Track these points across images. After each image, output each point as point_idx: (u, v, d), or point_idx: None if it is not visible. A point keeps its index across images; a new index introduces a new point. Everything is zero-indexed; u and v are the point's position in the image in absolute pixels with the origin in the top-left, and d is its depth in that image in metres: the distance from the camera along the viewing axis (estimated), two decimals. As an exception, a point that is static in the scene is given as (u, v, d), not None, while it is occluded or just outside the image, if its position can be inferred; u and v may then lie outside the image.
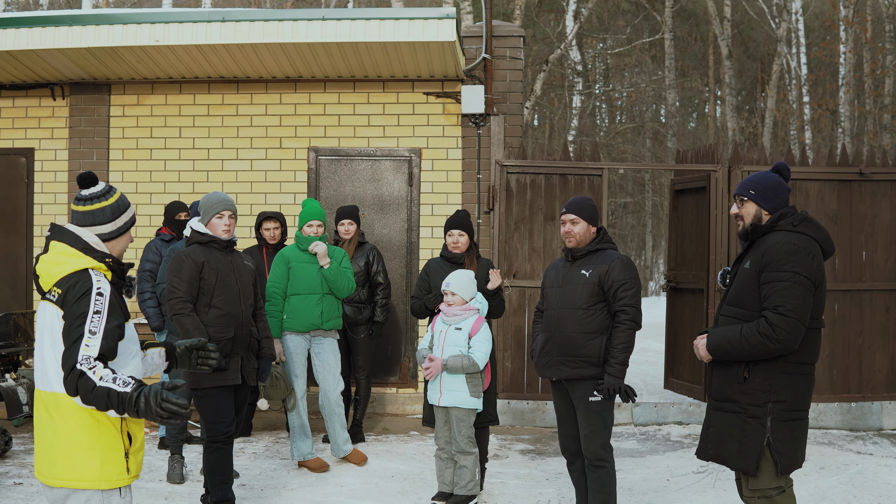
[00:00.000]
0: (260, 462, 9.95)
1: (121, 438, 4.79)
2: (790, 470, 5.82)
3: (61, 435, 4.75)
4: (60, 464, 4.75)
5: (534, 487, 9.13)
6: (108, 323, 4.67)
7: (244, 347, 7.90)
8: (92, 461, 4.73)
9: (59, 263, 4.81)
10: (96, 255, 4.87)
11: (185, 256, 7.80)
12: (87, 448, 4.72)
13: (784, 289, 5.63)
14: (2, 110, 13.01)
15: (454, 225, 8.86)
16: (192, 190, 12.69)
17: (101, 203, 4.97)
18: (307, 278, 9.46)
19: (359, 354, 10.83)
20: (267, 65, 12.01)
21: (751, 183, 5.99)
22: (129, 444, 4.83)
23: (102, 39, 11.01)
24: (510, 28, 12.69)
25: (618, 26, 38.73)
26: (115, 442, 4.77)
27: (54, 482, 4.78)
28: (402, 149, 12.64)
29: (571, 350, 7.27)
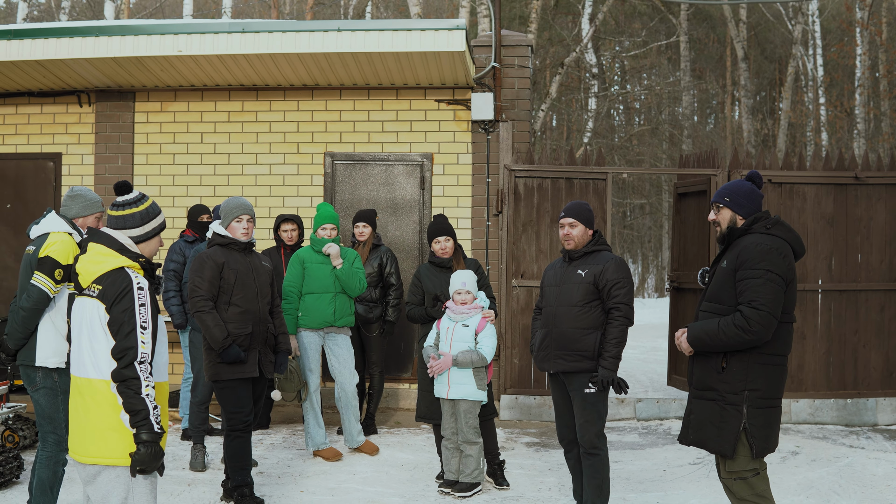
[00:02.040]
0: (277, 452, 10.50)
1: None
2: (765, 453, 6.30)
3: (94, 417, 5.30)
4: (92, 443, 5.30)
5: (536, 476, 9.63)
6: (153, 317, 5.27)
7: (261, 342, 8.43)
8: (121, 441, 5.27)
9: (98, 262, 5.37)
10: (130, 255, 5.44)
11: (206, 257, 8.33)
12: (116, 429, 5.26)
13: (757, 285, 6.14)
14: (30, 116, 13.57)
15: (439, 232, 9.39)
16: (214, 193, 13.21)
17: (132, 209, 5.56)
18: (321, 278, 10.01)
19: (372, 351, 11.36)
20: (285, 73, 12.52)
21: (726, 191, 6.51)
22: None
23: (127, 50, 11.53)
24: (518, 37, 13.17)
25: (633, 29, 39.09)
26: None
27: (86, 459, 5.32)
28: (414, 154, 13.14)
29: (568, 345, 7.77)
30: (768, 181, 12.39)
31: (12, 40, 11.54)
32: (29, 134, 13.57)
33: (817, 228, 12.51)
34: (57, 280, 7.21)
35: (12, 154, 13.54)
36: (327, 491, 9.01)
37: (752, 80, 40.34)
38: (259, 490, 8.85)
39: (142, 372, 5.19)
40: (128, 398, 5.17)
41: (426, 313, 9.34)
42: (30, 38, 11.56)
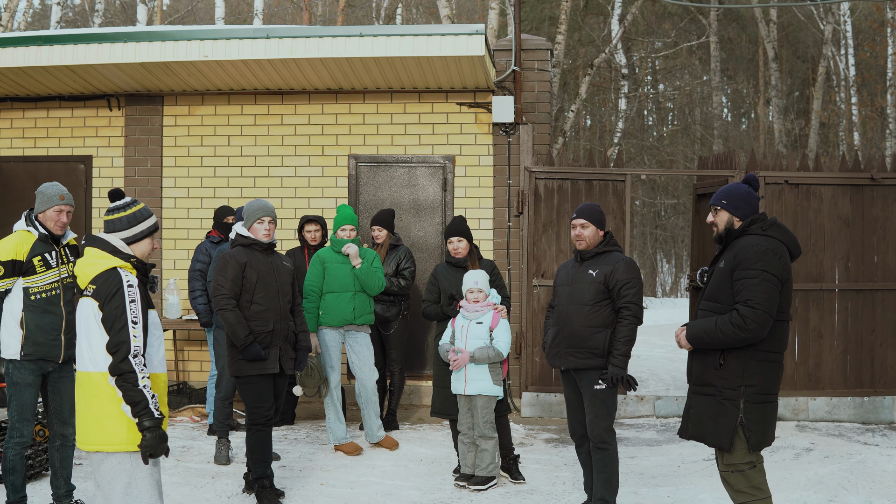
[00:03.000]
0: (300, 446, 10.79)
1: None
2: (761, 447, 6.53)
3: (94, 407, 5.65)
4: (94, 431, 5.65)
5: (552, 471, 9.86)
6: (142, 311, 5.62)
7: (282, 339, 8.71)
8: (120, 428, 5.61)
9: (92, 264, 5.75)
10: (122, 256, 5.81)
11: (229, 257, 8.63)
12: (115, 417, 5.60)
13: (753, 285, 6.36)
14: (61, 120, 13.91)
15: (453, 233, 9.73)
16: (241, 195, 13.50)
17: (120, 214, 5.94)
18: (341, 277, 10.30)
19: (392, 348, 11.64)
20: (309, 77, 12.79)
21: (723, 194, 6.75)
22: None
23: (155, 55, 11.82)
24: (538, 41, 13.41)
25: (664, 29, 39.16)
26: None
27: (90, 447, 5.67)
28: (436, 156, 13.39)
29: (579, 342, 8.01)
30: (785, 182, 12.57)
31: (43, 46, 11.86)
32: (60, 137, 13.91)
33: (834, 229, 12.67)
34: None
35: (44, 157, 13.88)
36: (346, 484, 9.30)
37: (785, 81, 40.34)
38: (280, 483, 9.13)
39: (136, 365, 5.52)
40: (126, 391, 5.51)
41: (442, 311, 9.61)
42: (60, 43, 11.87)
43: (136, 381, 5.50)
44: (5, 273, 7.68)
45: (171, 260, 13.59)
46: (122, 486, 5.62)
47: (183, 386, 13.14)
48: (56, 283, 7.88)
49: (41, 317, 7.79)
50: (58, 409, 8.06)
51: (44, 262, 7.80)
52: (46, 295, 7.81)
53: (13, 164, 13.89)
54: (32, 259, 7.74)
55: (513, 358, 13.00)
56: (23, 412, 7.81)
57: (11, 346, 7.75)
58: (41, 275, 7.78)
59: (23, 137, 13.95)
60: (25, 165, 13.84)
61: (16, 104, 13.98)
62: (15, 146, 13.98)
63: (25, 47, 11.91)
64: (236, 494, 8.89)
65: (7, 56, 11.95)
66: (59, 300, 7.91)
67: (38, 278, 7.76)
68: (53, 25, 26.05)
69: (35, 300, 7.76)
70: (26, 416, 7.82)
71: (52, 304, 7.86)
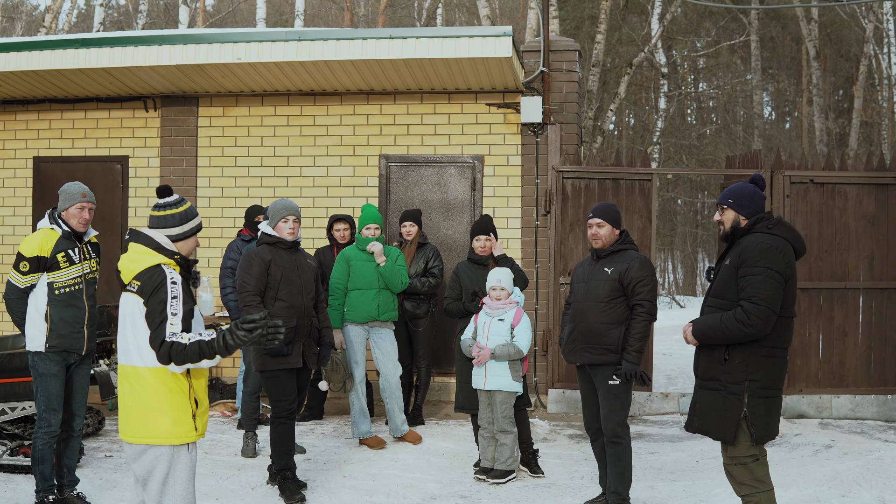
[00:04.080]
0: (326, 441, 11.05)
1: (189, 402, 5.83)
2: (764, 440, 6.71)
3: (139, 400, 5.81)
4: (138, 424, 5.81)
5: (571, 466, 10.06)
6: (183, 305, 5.78)
7: (306, 335, 8.97)
8: (165, 421, 5.78)
9: (137, 260, 5.89)
10: (166, 252, 5.95)
11: (254, 255, 8.90)
12: (160, 410, 5.77)
13: (758, 282, 6.55)
14: (99, 121, 14.24)
15: (481, 230, 10.02)
16: (273, 194, 13.77)
17: (173, 210, 6.07)
18: (365, 275, 10.56)
19: (419, 345, 11.87)
20: (340, 79, 13.03)
21: (730, 193, 6.93)
22: (195, 407, 5.87)
23: (190, 57, 12.10)
24: (566, 43, 13.58)
25: (704, 28, 39.18)
26: (184, 405, 5.81)
27: (133, 440, 5.84)
28: (465, 156, 13.60)
29: (593, 338, 8.22)
30: (810, 181, 12.68)
31: (80, 49, 12.17)
32: (97, 138, 14.24)
33: (858, 227, 12.77)
34: (23, 272, 7.97)
35: (81, 157, 14.22)
36: (369, 476, 9.54)
37: (828, 79, 40.21)
38: (304, 475, 9.38)
39: (174, 339, 5.61)
40: (185, 359, 5.63)
41: (464, 307, 9.83)
42: (97, 46, 12.18)
43: (183, 344, 5.61)
44: (30, 269, 7.97)
45: (204, 258, 13.87)
46: (161, 477, 5.83)
47: (215, 382, 13.42)
48: (79, 278, 8.17)
49: (65, 310, 8.07)
50: (71, 400, 8.34)
51: (67, 258, 8.08)
52: (70, 290, 8.09)
53: (51, 164, 14.23)
54: (56, 255, 8.02)
55: (539, 355, 13.20)
56: (49, 402, 8.07)
57: (37, 339, 8.03)
58: (64, 270, 8.06)
59: (61, 138, 14.31)
60: (63, 165, 14.18)
61: (54, 105, 14.33)
62: (53, 147, 14.33)
63: (63, 50, 12.22)
64: (260, 486, 9.16)
65: (45, 59, 12.27)
66: (81, 294, 8.19)
67: (61, 274, 8.05)
68: (96, 27, 26.50)
69: (59, 295, 8.04)
70: (53, 406, 8.08)
71: (76, 298, 8.15)
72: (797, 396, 12.64)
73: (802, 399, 12.65)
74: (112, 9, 41.47)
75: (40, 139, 14.38)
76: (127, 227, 13.97)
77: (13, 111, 14.45)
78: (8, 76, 12.82)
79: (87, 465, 9.61)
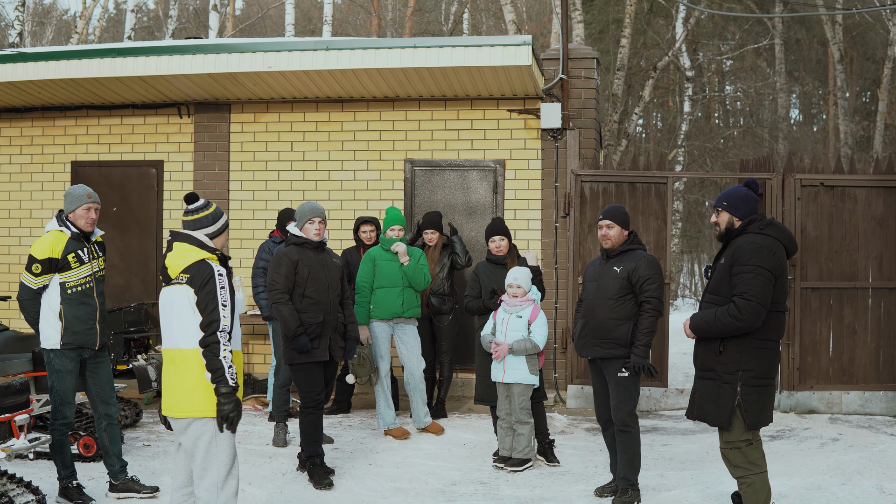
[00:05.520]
0: (353, 432, 11.62)
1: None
2: (757, 426, 7.25)
3: (184, 379, 6.58)
4: (184, 400, 6.59)
5: (586, 456, 10.56)
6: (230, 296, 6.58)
7: (332, 330, 9.54)
8: (206, 397, 6.55)
9: (183, 256, 6.69)
10: (208, 249, 6.77)
11: (282, 255, 9.47)
12: (203, 388, 6.55)
13: (748, 279, 7.09)
14: (134, 127, 14.84)
15: (495, 232, 10.61)
16: (303, 197, 14.28)
17: (205, 212, 6.91)
18: (390, 274, 11.12)
19: (442, 340, 12.41)
20: (367, 86, 13.54)
21: (724, 196, 7.46)
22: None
23: (222, 66, 12.65)
24: (584, 50, 14.06)
25: (729, 31, 39.39)
26: None
27: (179, 414, 6.62)
28: (487, 160, 14.10)
29: (604, 333, 8.72)
30: (821, 184, 13.10)
31: (116, 58, 12.73)
32: (133, 143, 14.83)
33: (868, 229, 13.17)
34: (35, 274, 8.43)
35: (118, 161, 14.82)
36: (392, 465, 10.08)
37: (854, 82, 40.42)
38: (332, 463, 9.92)
39: (222, 338, 6.46)
40: (209, 359, 6.45)
41: (483, 305, 10.35)
42: (132, 55, 12.74)
43: (219, 351, 6.43)
44: (43, 270, 8.41)
45: (237, 258, 14.40)
46: (205, 446, 6.59)
47: (248, 377, 13.93)
48: (89, 276, 8.63)
49: (78, 308, 8.52)
50: (99, 392, 8.81)
51: (77, 258, 8.51)
52: (81, 288, 8.55)
53: (89, 169, 14.83)
54: (67, 256, 8.45)
55: (559, 352, 13.66)
56: (65, 396, 8.55)
57: (52, 337, 8.48)
58: (75, 270, 8.50)
59: (98, 143, 14.90)
60: (100, 170, 14.77)
61: (91, 112, 14.93)
62: (90, 151, 14.94)
63: (100, 59, 12.79)
64: (290, 472, 9.71)
65: (83, 67, 12.84)
66: (92, 292, 8.67)
67: (73, 273, 8.49)
68: (127, 33, 27.02)
69: (71, 293, 8.49)
70: (68, 400, 8.56)
71: (87, 296, 8.61)
72: (808, 392, 13.06)
73: (813, 395, 13.06)
74: (143, 13, 42.10)
75: (78, 144, 14.98)
76: (162, 229, 14.53)
77: (52, 117, 15.04)
78: (47, 84, 13.39)
79: (127, 453, 10.12)
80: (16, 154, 15.17)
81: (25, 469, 9.46)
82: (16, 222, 15.11)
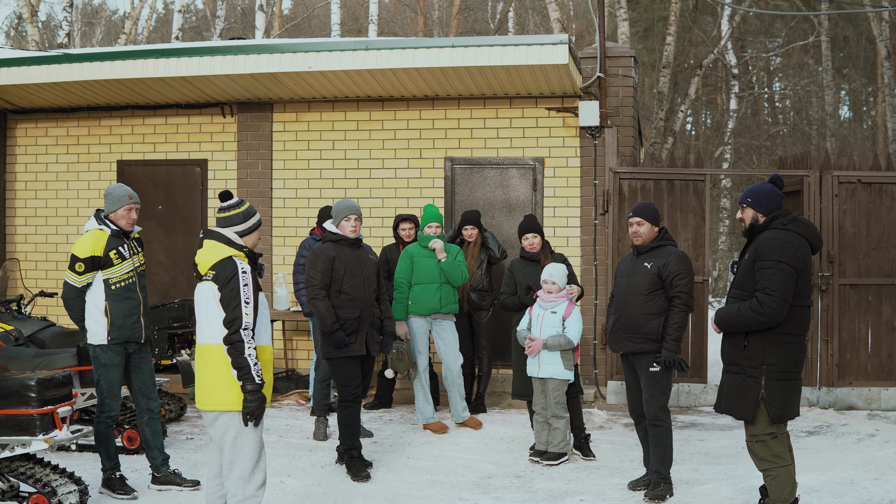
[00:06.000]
0: (392, 426, 11.81)
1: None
2: (781, 419, 7.37)
3: (212, 373, 6.78)
4: (211, 393, 6.79)
5: (622, 451, 10.67)
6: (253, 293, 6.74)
7: (368, 324, 9.72)
8: (232, 391, 6.73)
9: (211, 254, 6.89)
10: (236, 246, 6.93)
11: (319, 252, 9.66)
12: (229, 382, 6.72)
13: (770, 274, 7.22)
14: (178, 126, 15.12)
15: (527, 230, 10.74)
16: (345, 195, 14.47)
17: (235, 210, 7.08)
18: (428, 270, 11.31)
19: (481, 336, 12.57)
20: (406, 85, 13.72)
21: (749, 193, 7.58)
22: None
23: (264, 66, 12.86)
24: (622, 49, 14.17)
25: (775, 28, 39.24)
26: None
27: (207, 407, 6.81)
28: (527, 158, 14.23)
29: (635, 328, 8.84)
30: (858, 181, 13.13)
31: (160, 59, 12.98)
32: (178, 142, 15.10)
33: (906, 225, 13.23)
34: (79, 272, 8.64)
35: (163, 160, 15.10)
36: (430, 458, 10.26)
37: (897, 79, 40.12)
38: (371, 456, 10.10)
39: (245, 336, 6.62)
40: (234, 357, 6.62)
41: (519, 301, 10.48)
42: (176, 56, 12.98)
43: (243, 349, 6.60)
44: (86, 269, 8.63)
45: (280, 256, 14.63)
46: (231, 439, 6.77)
47: (291, 373, 14.13)
48: (131, 271, 8.85)
49: (123, 304, 8.74)
50: (141, 386, 9.04)
51: (119, 255, 8.73)
52: (125, 283, 8.76)
53: (134, 168, 15.11)
54: (109, 253, 8.68)
55: (599, 349, 13.77)
56: (111, 389, 8.80)
57: (98, 333, 8.71)
58: (118, 266, 8.72)
59: (143, 142, 15.19)
60: (146, 168, 15.04)
61: (136, 111, 15.22)
62: (136, 150, 15.23)
63: (144, 60, 13.05)
64: (329, 464, 9.92)
65: (128, 68, 13.09)
66: (135, 287, 8.89)
67: (115, 270, 8.71)
68: (175, 33, 27.34)
69: (115, 289, 8.71)
70: (114, 393, 8.81)
71: (131, 290, 8.83)
72: (847, 389, 13.09)
73: (852, 391, 13.10)
74: (191, 13, 42.50)
75: (123, 143, 15.26)
76: (206, 226, 14.74)
77: (97, 117, 15.34)
78: (92, 84, 13.67)
79: (170, 447, 10.37)
80: (62, 153, 15.48)
81: (69, 461, 9.76)
82: (63, 220, 15.42)
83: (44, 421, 7.83)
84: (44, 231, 15.56)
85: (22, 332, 10.91)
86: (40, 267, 15.52)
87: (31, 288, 14.85)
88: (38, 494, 7.86)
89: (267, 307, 7.05)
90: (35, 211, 15.58)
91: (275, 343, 14.60)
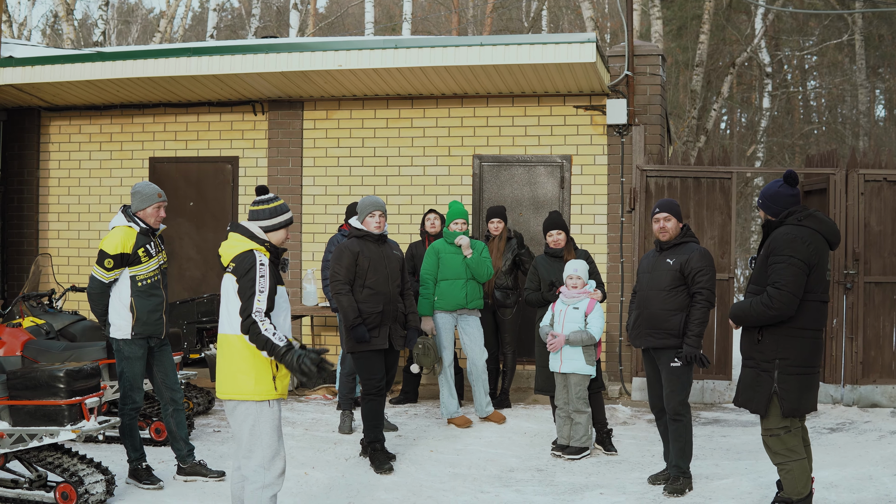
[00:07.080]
0: (417, 420, 11.97)
1: (269, 366, 6.86)
2: (794, 414, 7.47)
3: (230, 362, 6.91)
4: (228, 382, 6.92)
5: (644, 446, 10.76)
6: (269, 284, 6.83)
7: (391, 319, 9.87)
8: (249, 381, 6.85)
9: (234, 246, 7.02)
10: (258, 240, 7.05)
11: (344, 248, 9.82)
12: (246, 372, 6.85)
13: (781, 269, 7.35)
14: (210, 124, 15.33)
15: (552, 226, 10.79)
16: (373, 192, 14.62)
17: (265, 206, 7.19)
18: (454, 266, 11.41)
19: (505, 332, 12.67)
20: (435, 84, 13.85)
21: (760, 194, 7.77)
22: (276, 370, 6.88)
23: (294, 65, 13.04)
24: (650, 47, 14.25)
25: (809, 27, 39.13)
26: (266, 368, 6.85)
27: (226, 396, 6.95)
28: (554, 156, 14.34)
29: (657, 324, 8.93)
30: (884, 179, 13.15)
31: (192, 57, 13.18)
32: (209, 139, 15.31)
33: (931, 224, 13.23)
34: (107, 268, 8.79)
35: (194, 157, 15.31)
36: (453, 451, 10.39)
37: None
38: (395, 449, 10.24)
39: (258, 318, 6.70)
40: (255, 340, 6.71)
41: (542, 297, 10.59)
42: (207, 55, 13.18)
43: (260, 329, 6.67)
44: (115, 265, 8.78)
45: (309, 252, 14.80)
46: (249, 428, 6.89)
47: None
48: (157, 269, 9.02)
49: (148, 300, 8.91)
50: (164, 378, 9.22)
51: (147, 253, 8.88)
52: (150, 281, 8.93)
53: (166, 165, 15.32)
54: (138, 251, 8.84)
55: (624, 345, 13.87)
56: (135, 382, 8.98)
57: (123, 328, 8.87)
58: (145, 264, 8.88)
59: (175, 140, 15.40)
60: (178, 165, 15.25)
61: (168, 109, 15.44)
62: (168, 148, 15.45)
63: (177, 58, 13.26)
64: (353, 457, 10.06)
65: (160, 66, 13.31)
66: (160, 284, 9.06)
67: (142, 267, 8.87)
68: (210, 31, 27.56)
69: (142, 286, 8.87)
70: (137, 385, 8.99)
71: (156, 288, 9.00)
72: (871, 386, 13.12)
73: (876, 389, 13.12)
74: (226, 11, 42.77)
75: (155, 141, 15.49)
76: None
77: (130, 114, 15.57)
78: (125, 82, 13.89)
79: (198, 438, 10.55)
80: (95, 150, 15.72)
81: (97, 451, 9.96)
82: (95, 216, 15.64)
83: (72, 411, 7.99)
84: (76, 227, 15.81)
85: (53, 326, 11.07)
86: (72, 262, 15.77)
87: (63, 283, 15.09)
88: (66, 484, 8.02)
89: (287, 301, 7.16)
90: (68, 207, 15.83)
91: (303, 338, 14.78)
